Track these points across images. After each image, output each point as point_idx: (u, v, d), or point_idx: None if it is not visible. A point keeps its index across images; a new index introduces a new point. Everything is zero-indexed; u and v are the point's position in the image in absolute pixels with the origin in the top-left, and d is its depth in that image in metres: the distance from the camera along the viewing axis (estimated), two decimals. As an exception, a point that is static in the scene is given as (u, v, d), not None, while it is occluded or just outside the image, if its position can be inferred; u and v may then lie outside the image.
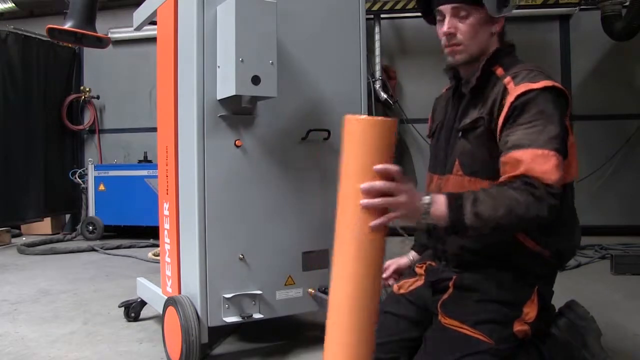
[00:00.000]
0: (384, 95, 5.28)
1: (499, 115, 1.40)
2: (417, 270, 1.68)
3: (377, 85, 5.26)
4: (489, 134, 1.43)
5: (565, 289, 3.11)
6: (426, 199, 1.28)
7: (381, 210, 1.22)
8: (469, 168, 1.47)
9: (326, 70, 2.15)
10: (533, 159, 1.29)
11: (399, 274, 1.79)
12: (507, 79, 1.42)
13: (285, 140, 2.07)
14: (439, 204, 1.28)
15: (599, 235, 4.83)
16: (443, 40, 1.52)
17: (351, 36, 2.22)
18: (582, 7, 5.15)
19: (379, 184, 1.20)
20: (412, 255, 1.83)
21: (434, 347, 1.42)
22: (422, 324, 1.57)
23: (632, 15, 4.53)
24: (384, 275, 1.76)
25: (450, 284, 1.51)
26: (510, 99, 1.37)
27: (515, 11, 5.34)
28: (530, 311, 1.42)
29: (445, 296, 1.50)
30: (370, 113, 2.62)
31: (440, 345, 1.41)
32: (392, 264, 1.81)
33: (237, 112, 1.96)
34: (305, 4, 2.11)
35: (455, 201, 1.28)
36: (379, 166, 1.20)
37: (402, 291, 1.66)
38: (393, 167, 1.22)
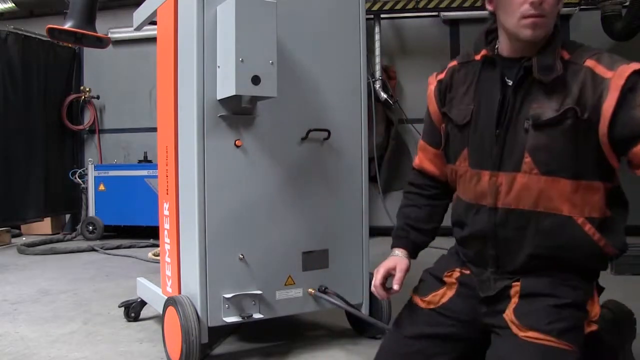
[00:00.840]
0: (384, 95, 5.28)
1: (597, 103, 1.24)
2: (447, 279, 1.50)
3: (377, 85, 5.26)
4: (580, 127, 1.26)
5: (565, 289, 3.11)
6: None
7: None
8: (545, 166, 1.30)
9: (326, 70, 2.15)
10: None
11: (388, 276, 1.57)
12: (591, 62, 1.27)
13: (285, 140, 2.07)
14: None
15: (599, 235, 4.83)
16: (524, 8, 1.27)
17: (351, 36, 2.22)
18: (582, 7, 5.15)
19: None
20: (405, 253, 1.60)
21: None
22: (468, 339, 1.43)
23: (632, 15, 4.52)
24: (375, 283, 1.55)
25: (511, 292, 1.36)
26: (618, 82, 1.22)
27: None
28: (594, 309, 1.34)
29: (513, 305, 1.34)
30: (370, 113, 2.61)
31: None
32: (381, 268, 1.57)
33: (237, 112, 1.96)
34: (305, 4, 2.11)
35: None
36: None
37: (432, 306, 1.49)
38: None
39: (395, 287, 1.51)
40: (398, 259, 1.57)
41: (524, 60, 1.32)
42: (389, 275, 1.55)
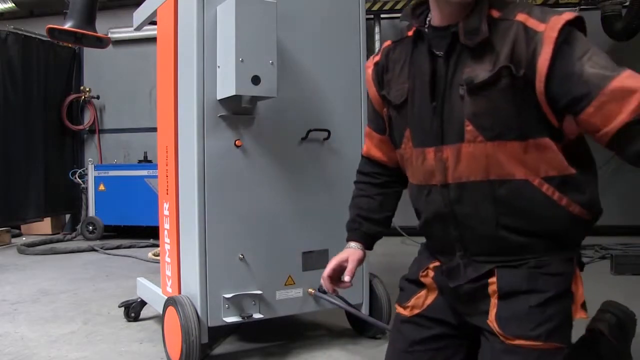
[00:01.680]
0: (384, 95, 5.28)
1: (532, 59, 1.15)
2: (424, 280, 1.41)
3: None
4: (517, 85, 1.17)
5: (565, 289, 3.11)
6: None
7: None
8: (490, 131, 1.20)
9: (326, 70, 2.15)
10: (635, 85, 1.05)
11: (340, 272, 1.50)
12: (522, 16, 1.18)
13: (285, 140, 2.07)
14: None
15: (599, 235, 4.82)
16: None
17: (351, 36, 2.22)
18: (582, 7, 5.15)
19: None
20: (359, 245, 1.52)
21: None
22: (466, 336, 1.36)
23: (632, 15, 4.53)
24: (323, 275, 1.50)
25: (490, 291, 1.26)
26: (552, 34, 1.12)
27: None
28: (578, 289, 1.24)
29: (494, 310, 1.24)
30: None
31: None
32: (333, 260, 1.50)
33: (237, 112, 1.96)
34: (305, 4, 2.11)
35: None
36: None
37: (416, 311, 1.40)
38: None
39: (346, 278, 1.46)
40: (351, 250, 1.51)
41: (452, 27, 1.25)
42: (340, 268, 1.49)
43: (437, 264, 1.39)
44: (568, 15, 1.14)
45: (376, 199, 1.56)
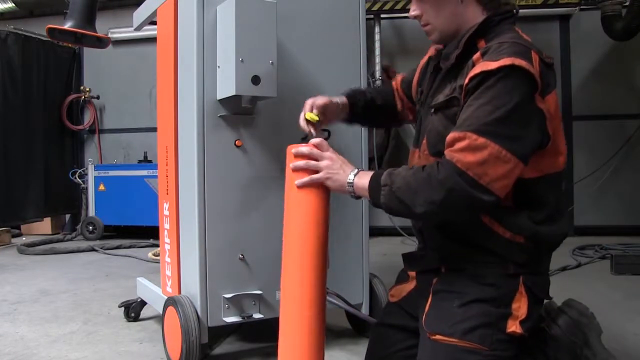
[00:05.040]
0: (384, 95, 5.28)
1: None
2: (410, 273, 1.58)
3: (377, 85, 5.26)
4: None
5: (566, 289, 3.10)
6: (354, 170, 1.37)
7: (310, 173, 1.39)
8: (434, 147, 1.37)
9: (326, 70, 2.15)
10: (466, 146, 1.20)
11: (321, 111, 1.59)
12: (477, 54, 1.28)
13: (285, 140, 2.05)
14: (364, 178, 1.34)
15: (599, 235, 4.83)
16: None
17: (351, 36, 2.22)
18: (582, 7, 5.15)
19: (303, 147, 1.40)
20: (340, 99, 1.65)
21: None
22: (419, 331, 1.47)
23: (632, 15, 4.53)
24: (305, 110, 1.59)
25: (431, 289, 1.40)
26: (466, 80, 1.25)
27: (515, 11, 5.37)
28: (521, 306, 1.31)
29: (427, 308, 1.38)
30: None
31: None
32: (309, 99, 1.60)
33: (237, 112, 1.96)
34: (305, 4, 2.11)
35: (376, 178, 1.31)
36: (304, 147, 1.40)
37: (395, 299, 1.58)
38: (318, 140, 1.41)
39: (307, 107, 1.57)
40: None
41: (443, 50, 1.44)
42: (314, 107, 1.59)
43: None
44: (489, 64, 1.22)
45: (372, 92, 1.75)
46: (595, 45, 5.22)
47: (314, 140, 1.43)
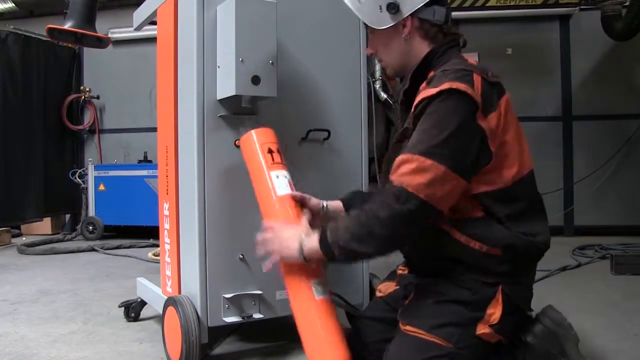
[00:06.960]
0: (384, 95, 5.27)
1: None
2: (399, 272, 1.68)
3: (377, 85, 5.25)
4: None
5: (565, 288, 3.11)
6: (297, 242, 1.42)
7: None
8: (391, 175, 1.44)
9: (326, 70, 2.15)
10: (415, 168, 1.27)
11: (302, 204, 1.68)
12: (423, 84, 1.37)
13: (285, 140, 2.06)
14: (312, 240, 1.39)
15: (599, 235, 4.83)
16: None
17: (351, 36, 2.22)
18: (582, 7, 5.15)
19: (258, 237, 1.51)
20: (330, 203, 1.72)
21: (395, 352, 1.41)
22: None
23: (632, 15, 4.52)
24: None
25: (412, 287, 1.52)
26: (412, 108, 1.35)
27: (515, 11, 5.36)
28: (495, 312, 1.36)
29: (406, 302, 1.48)
30: (370, 113, 2.62)
31: (400, 351, 1.39)
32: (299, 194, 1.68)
33: (237, 112, 1.96)
34: (305, 4, 2.11)
35: (323, 239, 1.36)
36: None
37: (380, 295, 1.68)
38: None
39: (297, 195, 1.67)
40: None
41: None
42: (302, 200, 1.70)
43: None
44: (430, 91, 1.30)
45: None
46: (595, 45, 5.22)
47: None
